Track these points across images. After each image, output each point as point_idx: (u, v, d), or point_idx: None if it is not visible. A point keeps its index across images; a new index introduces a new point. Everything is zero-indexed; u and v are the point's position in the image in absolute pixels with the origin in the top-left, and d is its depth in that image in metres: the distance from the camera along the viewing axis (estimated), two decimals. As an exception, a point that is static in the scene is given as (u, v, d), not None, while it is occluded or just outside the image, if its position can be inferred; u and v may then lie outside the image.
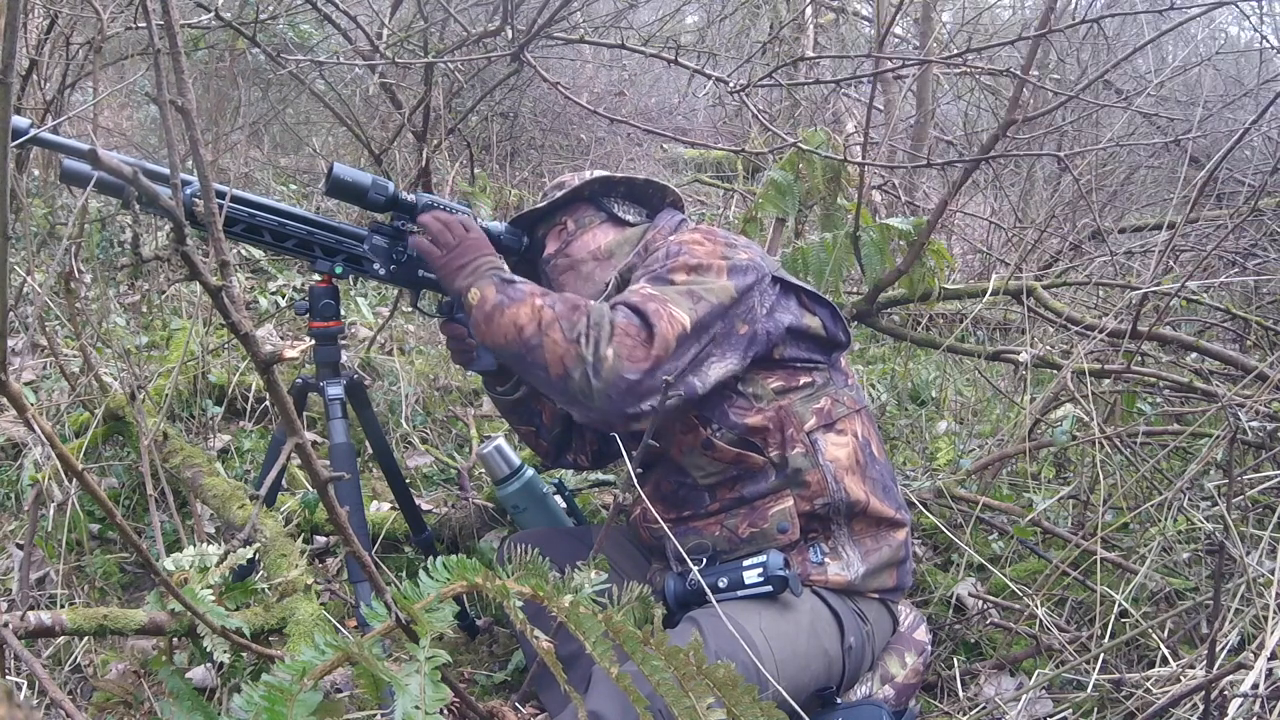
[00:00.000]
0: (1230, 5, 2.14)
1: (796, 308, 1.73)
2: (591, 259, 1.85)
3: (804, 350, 1.72)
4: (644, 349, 1.52)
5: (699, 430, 1.68)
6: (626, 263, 1.80)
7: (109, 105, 5.32)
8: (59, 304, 2.67)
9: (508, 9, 2.31)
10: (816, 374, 1.73)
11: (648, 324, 1.54)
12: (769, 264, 1.74)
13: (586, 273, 1.85)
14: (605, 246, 1.86)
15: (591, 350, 1.52)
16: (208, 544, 1.40)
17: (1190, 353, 2.51)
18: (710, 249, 1.67)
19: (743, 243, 1.74)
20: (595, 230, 1.88)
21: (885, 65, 3.18)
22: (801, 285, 1.77)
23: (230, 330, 0.81)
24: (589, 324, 1.54)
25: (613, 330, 1.53)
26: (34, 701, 1.48)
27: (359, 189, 1.71)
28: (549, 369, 1.55)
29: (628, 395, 1.52)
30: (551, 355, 1.54)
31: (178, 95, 0.80)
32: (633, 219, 1.89)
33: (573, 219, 1.89)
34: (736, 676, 1.13)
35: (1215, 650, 1.41)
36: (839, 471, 1.67)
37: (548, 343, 1.55)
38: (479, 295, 1.64)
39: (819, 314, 1.75)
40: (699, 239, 1.70)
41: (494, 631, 2.22)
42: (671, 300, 1.58)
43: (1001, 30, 6.21)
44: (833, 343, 1.77)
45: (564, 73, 6.48)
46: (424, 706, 0.94)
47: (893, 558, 1.71)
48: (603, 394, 1.52)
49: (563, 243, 1.88)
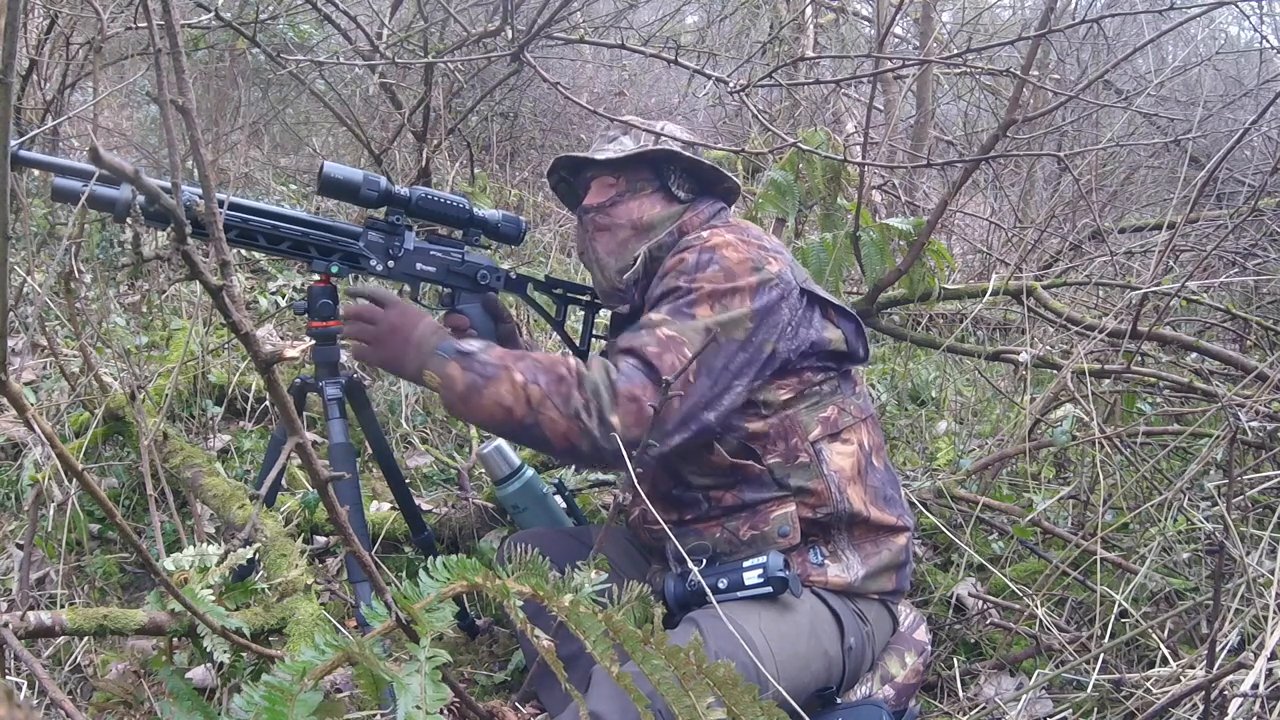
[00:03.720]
0: (1230, 5, 2.14)
1: (820, 320, 1.70)
2: (631, 228, 1.77)
3: (819, 362, 1.70)
4: (651, 407, 1.50)
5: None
6: (659, 240, 1.75)
7: (109, 105, 5.32)
8: (59, 304, 2.67)
9: (508, 9, 2.31)
10: (825, 383, 1.71)
11: (657, 379, 1.52)
12: (798, 273, 1.70)
13: (621, 240, 1.78)
14: (648, 219, 1.77)
15: (596, 422, 1.50)
16: (208, 544, 1.40)
17: (1190, 353, 2.51)
18: (740, 257, 1.63)
19: (773, 246, 1.70)
20: (644, 199, 1.78)
21: (885, 65, 3.18)
22: (828, 298, 1.73)
23: (231, 330, 0.81)
24: (586, 395, 1.51)
25: (615, 396, 1.51)
26: (34, 701, 1.48)
27: (351, 186, 1.69)
28: (552, 444, 1.54)
29: (641, 450, 1.53)
30: (553, 432, 1.52)
31: (178, 95, 0.80)
32: (683, 196, 1.80)
33: (626, 178, 1.79)
34: (736, 676, 1.13)
35: (1215, 650, 1.41)
36: (843, 482, 1.67)
37: (545, 421, 1.51)
38: (439, 378, 1.57)
39: (843, 328, 1.72)
40: (731, 242, 1.65)
41: (494, 631, 2.22)
42: (689, 344, 1.55)
43: (1001, 30, 6.21)
44: (851, 357, 1.75)
45: (564, 73, 6.48)
46: (425, 706, 0.95)
47: (892, 561, 1.71)
48: (615, 455, 1.51)
49: (608, 200, 1.79)
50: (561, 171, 1.92)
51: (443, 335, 1.62)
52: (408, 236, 1.78)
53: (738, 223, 1.77)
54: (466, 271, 1.83)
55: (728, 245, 1.64)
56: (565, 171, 1.92)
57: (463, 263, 1.83)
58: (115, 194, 1.50)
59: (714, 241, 1.66)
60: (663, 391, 1.48)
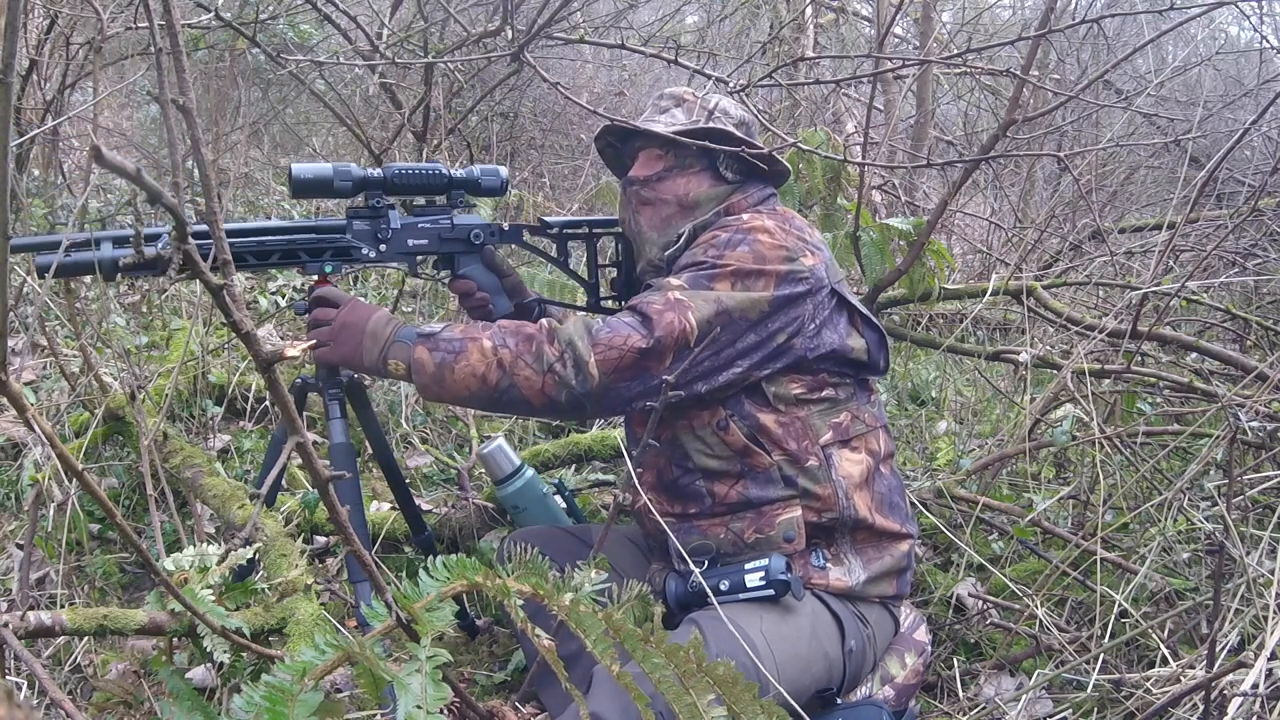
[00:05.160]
0: (1230, 5, 2.14)
1: (845, 326, 1.69)
2: (677, 205, 1.75)
3: (837, 367, 1.69)
4: (633, 355, 1.51)
5: (718, 409, 1.66)
6: (703, 219, 1.73)
7: (109, 105, 5.32)
8: (59, 304, 2.67)
9: (508, 9, 2.31)
10: (840, 389, 1.70)
11: (649, 332, 1.53)
12: (832, 273, 1.68)
13: (666, 215, 1.76)
14: (694, 197, 1.74)
15: (572, 371, 1.51)
16: (208, 544, 1.40)
17: (1190, 353, 2.51)
18: (775, 243, 1.61)
19: (814, 240, 1.68)
20: (692, 176, 1.75)
21: (885, 65, 3.18)
22: (857, 306, 1.71)
23: (231, 329, 0.81)
24: (561, 346, 1.52)
25: (593, 344, 1.51)
26: (34, 701, 1.48)
27: (323, 182, 1.66)
28: (531, 403, 1.54)
29: (620, 400, 1.54)
30: (530, 390, 1.52)
31: (179, 95, 0.80)
32: (730, 177, 1.76)
33: (676, 153, 1.76)
34: (737, 675, 1.13)
35: (1215, 650, 1.41)
36: (850, 488, 1.66)
37: (520, 381, 1.52)
38: (404, 365, 1.57)
39: (866, 337, 1.71)
40: (769, 228, 1.63)
41: (494, 631, 2.22)
42: (695, 310, 1.54)
43: (1001, 30, 6.21)
44: (870, 368, 1.73)
45: (564, 73, 6.48)
46: (425, 706, 0.95)
47: (894, 567, 1.71)
48: (595, 401, 1.53)
49: (654, 175, 1.76)
50: (610, 138, 1.89)
51: (399, 324, 1.62)
52: (392, 216, 1.76)
53: (784, 211, 1.75)
54: (459, 235, 1.81)
55: (764, 230, 1.63)
56: (614, 138, 1.89)
57: (453, 227, 1.81)
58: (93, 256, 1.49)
59: (752, 225, 1.64)
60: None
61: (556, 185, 5.82)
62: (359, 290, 3.74)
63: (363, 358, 1.61)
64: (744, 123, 1.80)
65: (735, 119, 1.78)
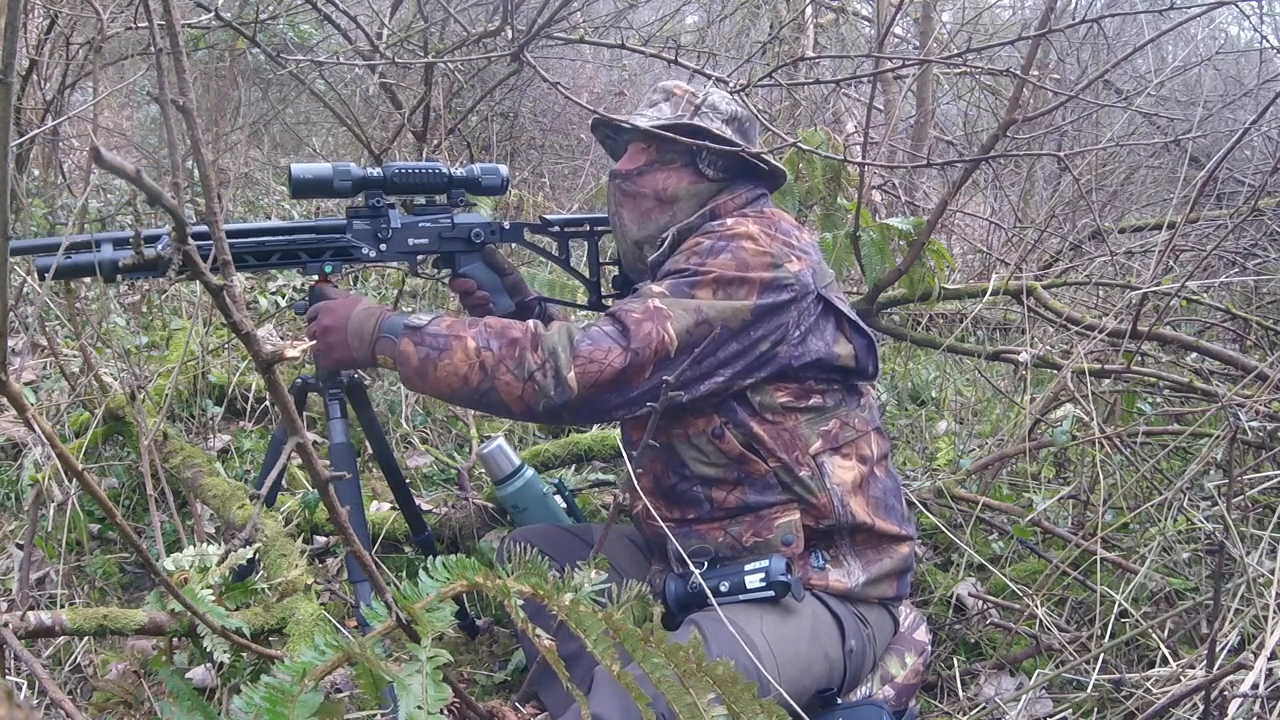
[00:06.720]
0: (1230, 5, 2.14)
1: (833, 332, 1.67)
2: (655, 199, 1.74)
3: (823, 374, 1.67)
4: (613, 370, 1.51)
5: (712, 417, 1.65)
6: (687, 223, 1.71)
7: (109, 105, 5.32)
8: (59, 304, 2.67)
9: (508, 9, 2.31)
10: (828, 396, 1.68)
11: (627, 344, 1.52)
12: (819, 277, 1.65)
13: (644, 209, 1.75)
14: (672, 192, 1.73)
15: (551, 381, 1.50)
16: (208, 544, 1.40)
17: (1190, 353, 2.51)
18: (759, 250, 1.59)
19: (801, 246, 1.66)
20: (673, 172, 1.74)
21: (885, 65, 3.18)
22: (845, 311, 1.69)
23: (231, 329, 0.81)
24: (543, 355, 1.51)
25: (574, 355, 1.51)
26: (34, 701, 1.48)
27: (323, 182, 1.66)
28: (510, 408, 1.54)
29: (599, 411, 1.55)
30: (509, 396, 1.52)
31: (179, 95, 0.80)
32: (712, 175, 1.74)
33: (658, 147, 1.75)
34: (736, 674, 1.13)
35: (1215, 650, 1.41)
36: (845, 494, 1.66)
37: (500, 385, 1.52)
38: (392, 358, 1.58)
39: (855, 344, 1.69)
40: (753, 234, 1.61)
41: (494, 631, 2.22)
42: (674, 320, 1.54)
43: (1001, 30, 6.20)
44: (859, 374, 1.72)
45: (564, 73, 6.48)
46: (426, 706, 0.95)
47: (894, 568, 1.71)
48: (573, 411, 1.54)
49: (636, 169, 1.76)
50: (606, 129, 1.90)
51: (384, 315, 1.62)
52: (392, 216, 1.75)
53: (771, 213, 1.72)
54: (459, 234, 1.81)
55: (749, 236, 1.61)
56: (609, 130, 1.89)
57: (453, 226, 1.81)
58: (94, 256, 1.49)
59: (736, 230, 1.63)
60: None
61: (556, 185, 5.82)
62: (360, 290, 3.74)
63: (354, 356, 1.62)
64: (736, 119, 1.77)
65: (725, 115, 1.76)
